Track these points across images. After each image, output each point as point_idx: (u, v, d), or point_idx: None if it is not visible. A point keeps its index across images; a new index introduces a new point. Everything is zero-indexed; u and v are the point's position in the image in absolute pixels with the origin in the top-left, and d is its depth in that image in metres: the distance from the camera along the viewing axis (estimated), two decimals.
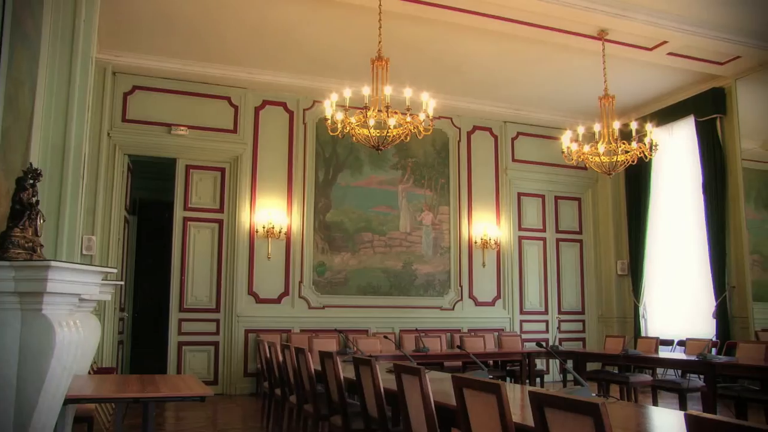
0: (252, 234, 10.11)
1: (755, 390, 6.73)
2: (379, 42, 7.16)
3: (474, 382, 2.96)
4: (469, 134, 11.78)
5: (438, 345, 9.80)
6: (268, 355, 7.20)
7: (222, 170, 10.23)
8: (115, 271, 6.43)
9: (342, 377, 4.83)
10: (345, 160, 10.80)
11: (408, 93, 6.81)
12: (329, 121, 7.01)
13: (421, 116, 6.89)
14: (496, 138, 12.00)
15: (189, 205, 10.00)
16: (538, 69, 9.97)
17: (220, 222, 10.11)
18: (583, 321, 12.39)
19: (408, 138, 7.01)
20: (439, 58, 9.50)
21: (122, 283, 9.78)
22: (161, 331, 10.21)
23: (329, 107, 7.07)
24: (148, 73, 9.74)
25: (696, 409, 7.47)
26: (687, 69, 9.79)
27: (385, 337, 7.69)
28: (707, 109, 10.31)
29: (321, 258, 10.48)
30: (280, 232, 10.16)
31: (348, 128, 6.94)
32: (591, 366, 9.24)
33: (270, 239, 10.12)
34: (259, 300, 10.05)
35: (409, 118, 6.84)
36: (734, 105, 9.95)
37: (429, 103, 6.94)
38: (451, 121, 11.60)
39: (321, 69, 9.88)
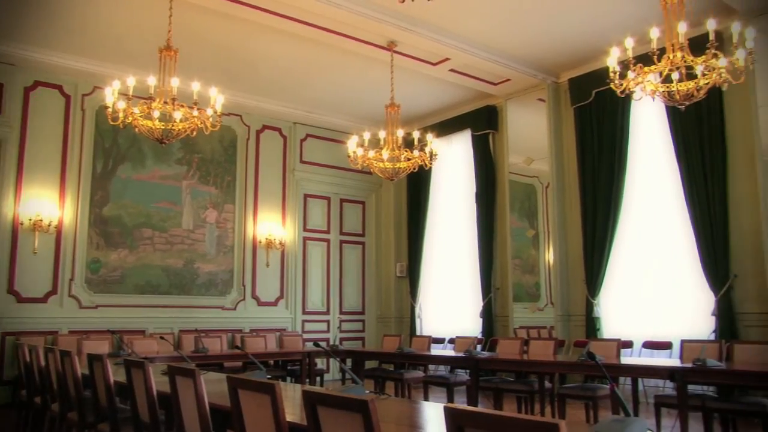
0: (16, 226, 9.19)
1: (510, 381, 7.42)
2: (169, 31, 6.91)
3: (248, 382, 2.94)
4: (258, 133, 11.70)
5: (218, 345, 9.62)
6: (28, 359, 6.61)
7: None
8: None
9: (112, 381, 4.56)
10: (127, 151, 10.22)
11: (196, 87, 6.65)
12: (110, 110, 6.62)
13: (209, 111, 6.75)
14: (285, 138, 12.04)
15: None
16: (331, 73, 10.16)
17: None
18: (363, 321, 12.83)
19: (194, 133, 6.83)
20: (232, 53, 9.33)
21: None
22: None
23: (111, 95, 6.68)
24: None
25: (462, 402, 8.05)
26: (466, 86, 10.52)
27: (161, 337, 7.40)
28: (482, 124, 11.18)
29: (96, 254, 9.82)
30: (49, 225, 9.35)
31: (130, 118, 6.61)
32: (369, 364, 9.59)
33: (37, 232, 9.28)
34: (21, 299, 9.16)
35: (196, 113, 6.66)
36: (504, 123, 10.88)
37: (218, 99, 6.82)
38: (241, 118, 11.45)
39: (104, 53, 9.27)
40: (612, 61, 5.71)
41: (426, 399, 8.19)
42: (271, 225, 11.57)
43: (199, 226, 10.84)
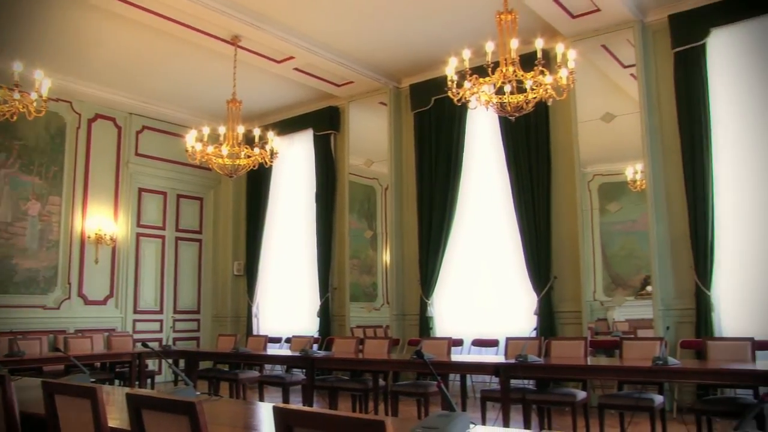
0: None
1: (346, 380, 7.53)
2: None
3: (66, 387, 2.77)
4: (90, 122, 11.02)
5: (38, 348, 8.95)
6: None
7: None
8: None
9: None
10: None
11: (18, 68, 6.16)
12: None
13: (33, 95, 6.27)
14: (120, 129, 11.44)
15: None
16: (171, 64, 9.78)
17: None
18: (199, 320, 12.49)
19: (15, 117, 6.32)
20: (62, 35, 8.70)
21: None
22: None
23: None
24: None
25: (297, 401, 8.06)
26: (310, 86, 10.53)
27: None
28: (324, 125, 11.24)
29: None
30: None
31: None
32: (204, 365, 9.35)
33: None
34: None
35: (17, 96, 6.17)
36: (346, 124, 11.01)
37: (43, 82, 6.36)
38: (71, 105, 10.73)
39: None
40: (450, 71, 5.96)
41: (261, 399, 8.11)
42: (102, 219, 10.95)
43: (19, 218, 10.03)
